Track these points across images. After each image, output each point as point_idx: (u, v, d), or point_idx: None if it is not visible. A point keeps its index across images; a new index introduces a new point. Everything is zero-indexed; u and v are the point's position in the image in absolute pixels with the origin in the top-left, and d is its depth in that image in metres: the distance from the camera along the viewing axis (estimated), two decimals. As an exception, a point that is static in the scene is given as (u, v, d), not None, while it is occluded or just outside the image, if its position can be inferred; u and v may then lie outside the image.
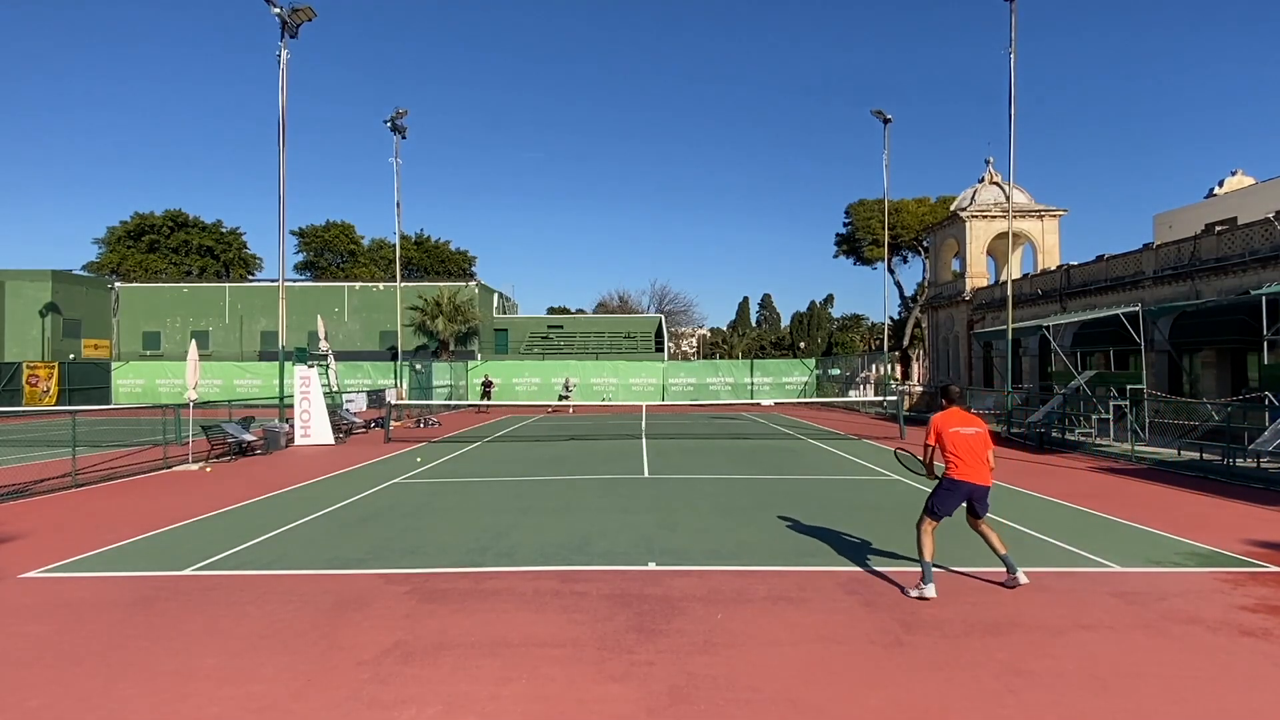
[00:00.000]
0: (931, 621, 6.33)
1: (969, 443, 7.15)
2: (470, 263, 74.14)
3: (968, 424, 7.24)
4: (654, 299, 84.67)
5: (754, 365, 47.10)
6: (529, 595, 7.16)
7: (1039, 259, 37.54)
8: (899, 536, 9.60)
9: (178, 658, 5.67)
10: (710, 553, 8.78)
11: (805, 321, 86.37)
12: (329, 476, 15.35)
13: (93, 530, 10.23)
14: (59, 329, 48.85)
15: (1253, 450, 14.89)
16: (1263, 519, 10.65)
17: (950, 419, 7.27)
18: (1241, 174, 37.96)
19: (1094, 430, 20.81)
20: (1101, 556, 8.47)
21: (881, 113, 34.86)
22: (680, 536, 9.62)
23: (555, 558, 8.58)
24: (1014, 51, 24.44)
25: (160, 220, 65.16)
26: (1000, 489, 13.38)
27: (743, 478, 14.84)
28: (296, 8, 22.07)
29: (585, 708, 4.80)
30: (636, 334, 57.78)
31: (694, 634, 6.08)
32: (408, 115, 33.11)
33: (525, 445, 21.57)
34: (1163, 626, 6.23)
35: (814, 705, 4.81)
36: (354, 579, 7.80)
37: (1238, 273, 21.52)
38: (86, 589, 7.54)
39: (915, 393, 42.84)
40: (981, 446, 7.17)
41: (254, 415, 23.16)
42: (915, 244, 59.71)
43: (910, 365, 58.97)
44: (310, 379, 22.13)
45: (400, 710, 4.76)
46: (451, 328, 50.51)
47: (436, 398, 37.27)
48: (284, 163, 22.71)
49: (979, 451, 7.15)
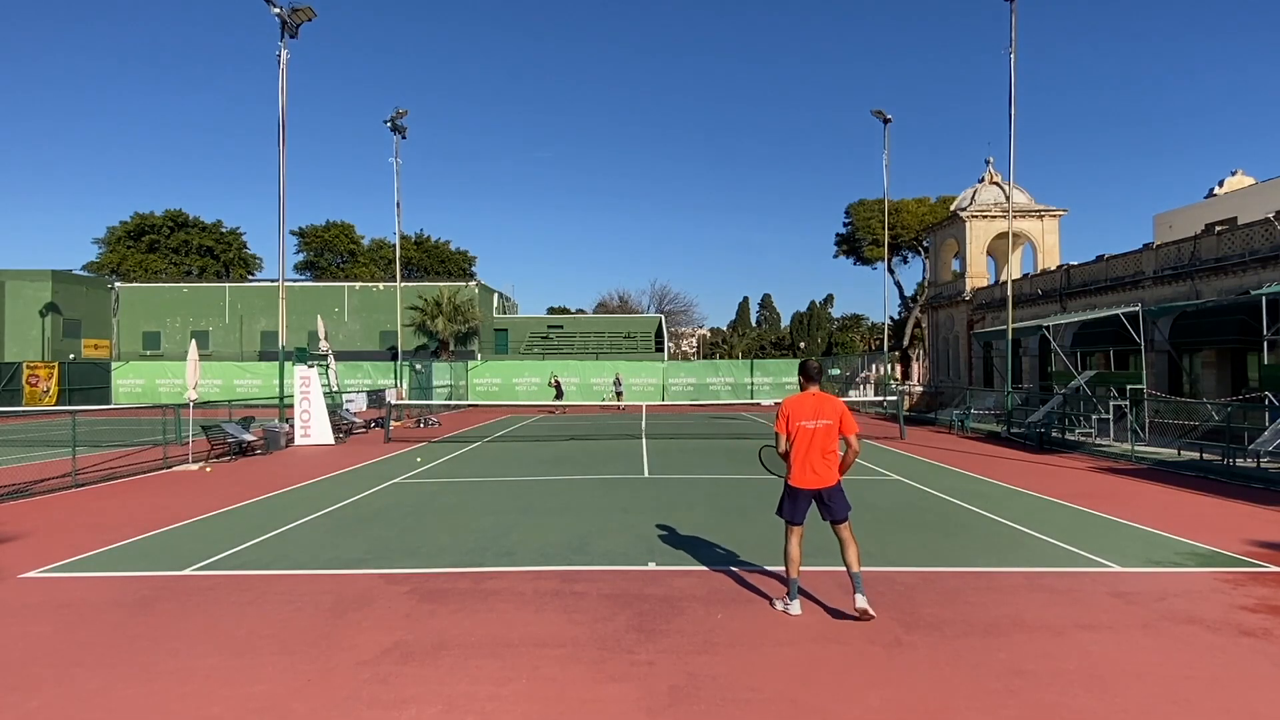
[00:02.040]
0: (931, 621, 6.33)
1: (810, 438, 6.29)
2: (470, 263, 74.19)
3: (817, 414, 6.32)
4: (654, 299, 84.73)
5: (754, 365, 47.10)
6: (529, 595, 7.16)
7: (1039, 259, 37.53)
8: (899, 537, 9.61)
9: (178, 658, 5.67)
10: (710, 553, 8.79)
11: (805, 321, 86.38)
12: (329, 476, 15.35)
13: (93, 530, 10.22)
14: (59, 329, 48.84)
15: (1253, 450, 14.89)
16: (1263, 519, 10.65)
17: (800, 405, 6.38)
18: (1241, 174, 37.95)
19: (1094, 430, 20.82)
20: (1101, 556, 8.46)
21: (881, 113, 34.87)
22: (680, 536, 9.62)
23: (555, 558, 8.58)
24: (1014, 52, 24.47)
25: (160, 220, 65.18)
26: (1000, 489, 13.41)
27: (743, 478, 14.84)
28: (296, 8, 22.06)
29: (585, 708, 4.80)
30: (636, 334, 57.77)
31: (694, 634, 6.08)
32: (408, 115, 33.16)
33: (525, 445, 21.57)
34: (1163, 626, 6.23)
35: (814, 705, 4.81)
36: (354, 579, 7.80)
37: (1238, 273, 21.52)
38: (86, 589, 7.54)
39: (915, 393, 42.84)
40: (826, 440, 6.30)
41: (254, 415, 23.15)
42: (915, 244, 59.68)
43: (910, 365, 58.96)
44: (310, 379, 22.13)
45: (400, 710, 4.76)
46: (451, 328, 50.52)
47: (436, 398, 37.26)
48: (284, 163, 22.73)
49: (823, 447, 6.30)
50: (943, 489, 13.32)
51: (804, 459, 6.34)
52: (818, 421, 6.32)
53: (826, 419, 6.33)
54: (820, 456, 6.33)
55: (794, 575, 6.54)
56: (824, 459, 6.34)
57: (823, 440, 6.31)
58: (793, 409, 6.39)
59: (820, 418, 6.33)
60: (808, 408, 6.36)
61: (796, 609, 6.46)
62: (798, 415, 6.35)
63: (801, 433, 6.31)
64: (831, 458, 6.38)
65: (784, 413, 6.43)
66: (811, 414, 6.34)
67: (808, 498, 6.45)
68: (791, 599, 6.52)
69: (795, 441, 6.34)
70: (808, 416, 6.33)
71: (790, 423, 6.36)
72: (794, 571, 6.54)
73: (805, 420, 6.32)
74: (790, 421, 6.36)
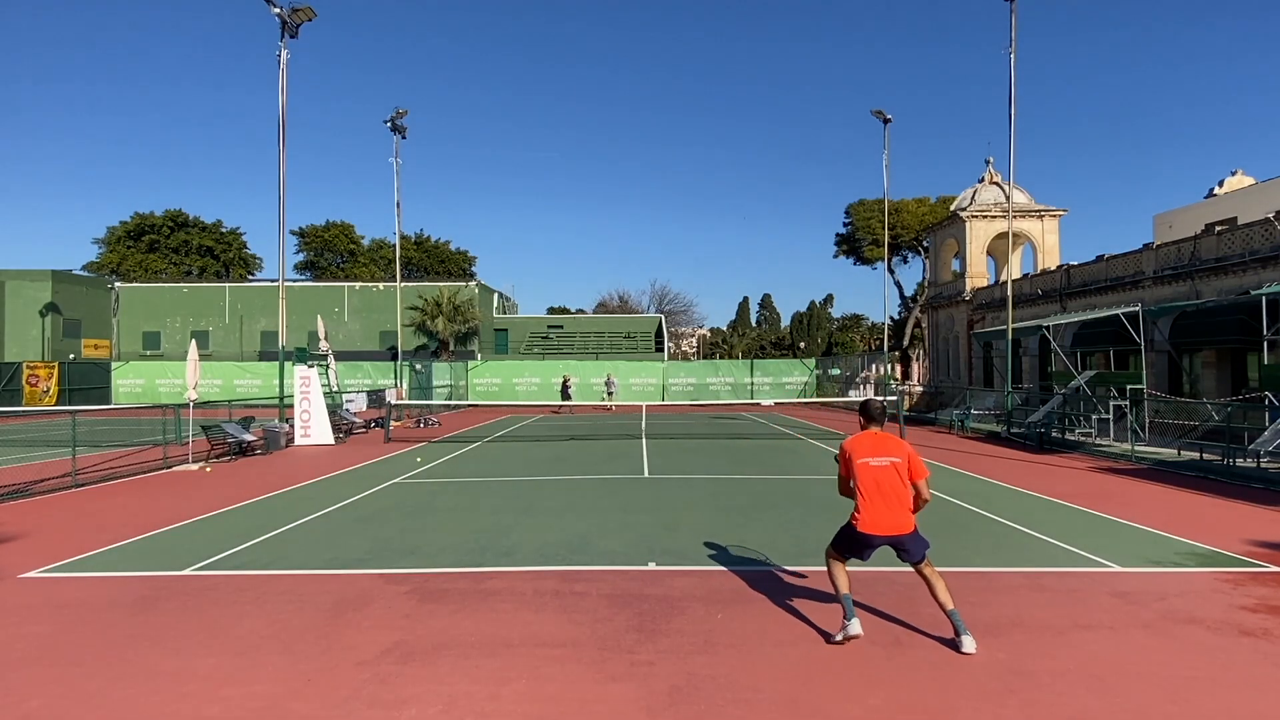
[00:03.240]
0: (932, 621, 6.32)
1: (877, 477, 5.64)
2: (470, 263, 74.19)
3: (881, 452, 5.70)
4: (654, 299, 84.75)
5: (754, 365, 47.09)
6: (529, 595, 7.16)
7: (1039, 259, 37.53)
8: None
9: (178, 658, 5.67)
10: (710, 553, 8.78)
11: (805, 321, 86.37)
12: (329, 476, 15.35)
13: (93, 530, 10.22)
14: (59, 329, 48.85)
15: (1253, 450, 14.89)
16: (1263, 519, 10.65)
17: (861, 445, 5.77)
18: (1241, 174, 37.94)
19: (1094, 430, 20.82)
20: (1101, 556, 8.46)
21: (881, 113, 34.85)
22: (680, 536, 9.62)
23: (555, 558, 8.58)
24: (1014, 51, 24.47)
25: (160, 220, 65.18)
26: (1001, 489, 13.41)
27: (743, 477, 14.84)
28: (296, 8, 22.06)
29: (585, 708, 4.80)
30: (636, 334, 57.77)
31: (694, 634, 6.08)
32: (408, 115, 33.14)
33: (525, 445, 21.57)
34: (1163, 626, 6.23)
35: (814, 705, 4.81)
36: (354, 579, 7.80)
37: (1238, 273, 21.52)
38: (86, 589, 7.54)
39: (915, 393, 42.84)
40: (897, 482, 5.65)
41: (254, 415, 23.15)
42: (915, 244, 59.68)
43: (910, 365, 58.96)
44: (310, 379, 22.13)
45: (400, 710, 4.76)
46: (451, 328, 50.52)
47: (436, 398, 37.26)
48: (284, 163, 22.72)
49: (895, 489, 5.64)
50: (943, 489, 13.31)
51: (881, 500, 5.64)
52: (886, 459, 5.70)
53: (895, 456, 5.71)
54: (897, 500, 5.66)
55: (844, 591, 5.86)
56: (903, 503, 5.68)
57: (895, 481, 5.66)
58: (856, 448, 5.77)
59: (887, 455, 5.71)
60: (871, 445, 5.78)
61: (856, 628, 5.73)
62: (862, 454, 5.72)
63: (868, 470, 5.67)
64: (908, 502, 5.71)
65: (845, 453, 5.82)
66: (878, 451, 5.73)
67: (876, 545, 5.75)
68: (849, 619, 5.77)
69: (864, 482, 5.67)
70: (873, 454, 5.72)
71: (854, 462, 5.72)
72: (845, 588, 5.87)
73: (871, 458, 5.70)
74: (854, 461, 5.72)
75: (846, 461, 5.79)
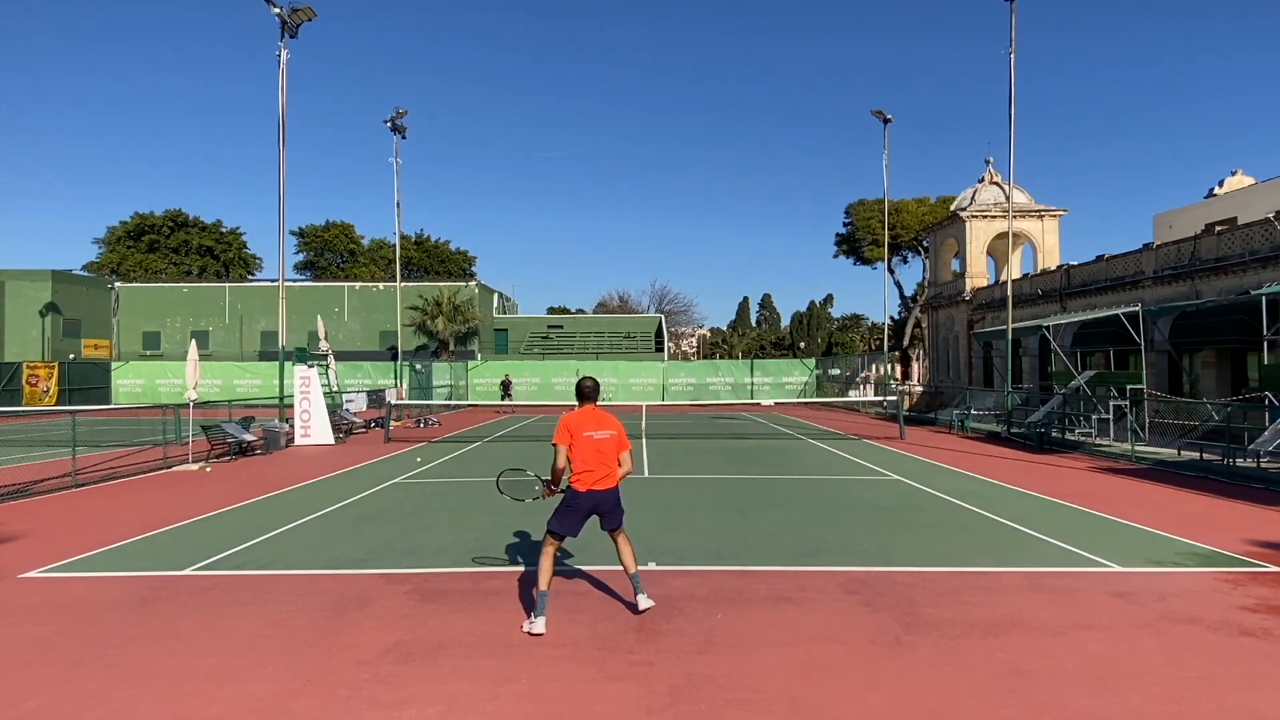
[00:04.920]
0: (931, 621, 6.33)
1: (599, 448, 6.29)
2: (470, 263, 74.21)
3: (602, 425, 6.36)
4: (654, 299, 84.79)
5: (754, 365, 47.10)
6: (529, 595, 7.15)
7: (1039, 259, 37.54)
8: (899, 536, 9.61)
9: (178, 658, 5.67)
10: (710, 553, 8.78)
11: (805, 321, 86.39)
12: (329, 476, 15.35)
13: (93, 530, 10.22)
14: (59, 329, 48.86)
15: (1253, 450, 14.89)
16: (1263, 519, 10.65)
17: (583, 420, 6.35)
18: (1241, 174, 37.92)
19: (1094, 430, 20.82)
20: (1101, 556, 8.46)
21: (882, 113, 34.88)
22: (680, 536, 9.62)
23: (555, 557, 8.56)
24: (1014, 51, 24.47)
25: (160, 220, 65.21)
26: (1001, 489, 13.41)
27: (743, 478, 14.85)
28: (296, 8, 22.06)
29: (585, 708, 4.79)
30: (636, 334, 57.79)
31: (694, 634, 6.08)
32: (408, 115, 33.16)
33: (525, 445, 21.57)
34: (1163, 626, 6.23)
35: (814, 705, 4.81)
36: (354, 579, 7.80)
37: (1238, 273, 21.52)
38: (86, 589, 7.54)
39: (915, 393, 42.85)
40: (611, 451, 6.35)
41: (254, 415, 23.16)
42: (915, 244, 59.70)
43: (910, 365, 58.97)
44: (310, 379, 22.13)
45: (400, 710, 4.76)
46: (451, 328, 50.52)
47: (436, 398, 37.27)
48: (284, 163, 22.73)
49: (608, 456, 6.33)
50: (943, 489, 13.32)
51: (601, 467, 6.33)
52: (606, 432, 6.35)
53: (612, 430, 6.40)
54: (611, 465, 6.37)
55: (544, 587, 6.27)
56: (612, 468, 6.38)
57: (613, 450, 6.36)
58: (578, 422, 6.34)
59: (606, 428, 6.37)
60: (593, 420, 6.38)
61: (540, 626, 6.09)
62: (585, 427, 6.31)
63: (590, 444, 6.28)
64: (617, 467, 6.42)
65: (566, 427, 6.35)
66: (599, 425, 6.36)
67: (591, 506, 6.39)
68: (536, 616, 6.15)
69: (586, 453, 6.28)
70: (596, 427, 6.34)
71: (576, 436, 6.29)
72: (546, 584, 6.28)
73: (595, 431, 6.32)
74: (576, 435, 6.29)
75: (570, 435, 6.27)
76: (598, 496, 6.33)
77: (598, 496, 6.33)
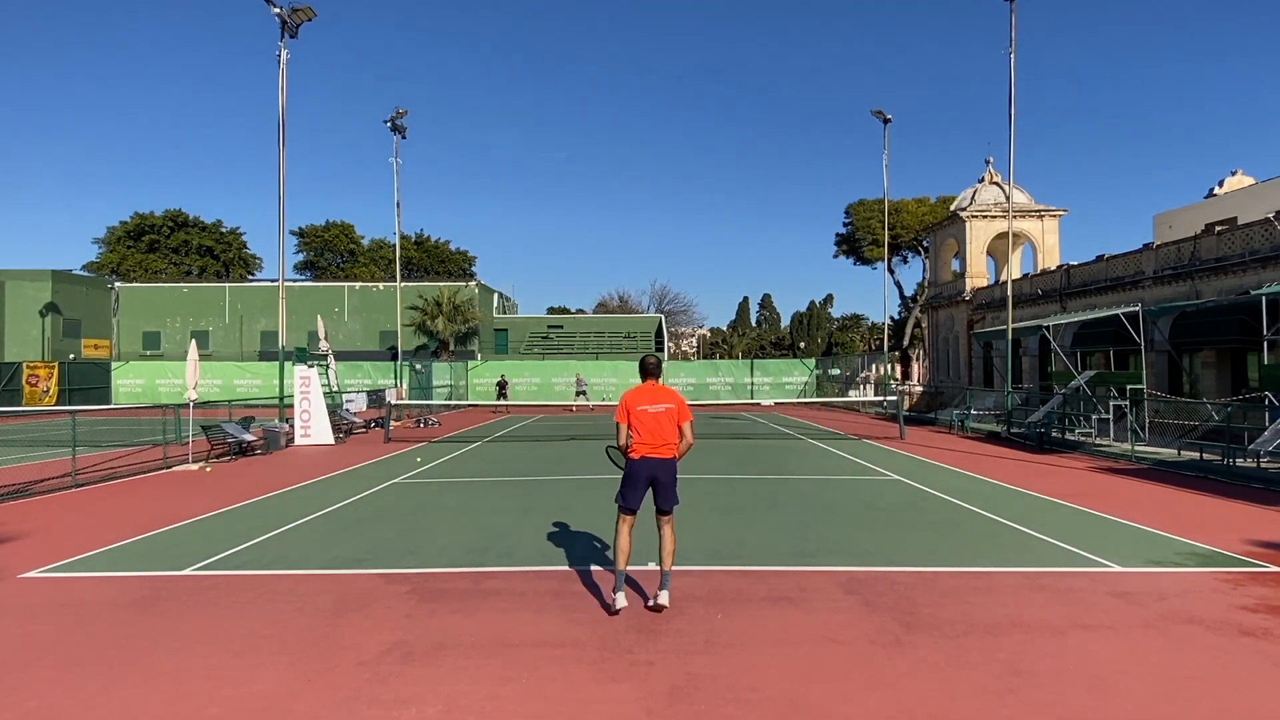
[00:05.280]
0: (931, 621, 6.33)
1: (655, 422, 6.60)
2: (470, 263, 74.15)
3: (657, 400, 6.65)
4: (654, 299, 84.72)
5: (754, 365, 47.09)
6: (529, 595, 7.16)
7: (1039, 259, 37.54)
8: (899, 536, 9.61)
9: (178, 658, 5.67)
10: (710, 553, 8.78)
11: (805, 321, 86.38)
12: (329, 476, 15.35)
13: (93, 530, 10.22)
14: (59, 329, 48.83)
15: (1253, 450, 14.89)
16: (1263, 519, 10.65)
17: (639, 396, 6.68)
18: (1241, 174, 37.91)
19: (1094, 430, 20.82)
20: (1101, 556, 8.46)
21: (881, 113, 34.87)
22: (680, 536, 9.55)
23: (555, 558, 8.58)
24: (1014, 51, 24.47)
25: (160, 220, 65.16)
26: (1001, 489, 13.41)
27: (743, 478, 14.85)
28: (296, 8, 22.06)
29: (585, 708, 4.79)
30: (636, 334, 57.75)
31: (694, 634, 6.08)
32: (407, 115, 33.15)
33: (525, 445, 21.57)
34: (1163, 626, 6.23)
35: (814, 705, 4.81)
36: (354, 579, 7.80)
37: (1238, 273, 21.52)
38: (86, 589, 7.54)
39: (915, 393, 42.85)
40: (669, 422, 6.62)
41: (254, 415, 23.15)
42: (915, 244, 59.69)
43: (910, 365, 58.96)
44: (310, 379, 22.13)
45: (400, 710, 4.76)
46: (451, 328, 50.48)
47: (436, 398, 37.26)
48: (284, 163, 22.73)
49: (666, 430, 6.61)
50: (943, 489, 13.32)
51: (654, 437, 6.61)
52: (661, 406, 6.63)
53: (668, 403, 6.68)
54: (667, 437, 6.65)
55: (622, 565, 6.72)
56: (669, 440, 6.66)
57: (668, 421, 6.64)
58: (634, 398, 6.67)
59: (662, 402, 6.66)
60: (648, 395, 6.69)
61: (622, 601, 6.57)
62: (640, 402, 6.63)
63: (645, 416, 6.60)
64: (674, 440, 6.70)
65: (624, 404, 6.69)
66: (654, 399, 6.66)
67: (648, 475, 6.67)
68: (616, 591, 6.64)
69: (641, 425, 6.61)
70: (651, 402, 6.64)
71: (632, 410, 6.62)
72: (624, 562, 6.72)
73: (649, 405, 6.62)
74: (631, 410, 6.62)
75: (626, 410, 6.65)
76: (653, 465, 6.60)
77: (653, 465, 6.60)
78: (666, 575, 6.67)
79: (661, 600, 6.53)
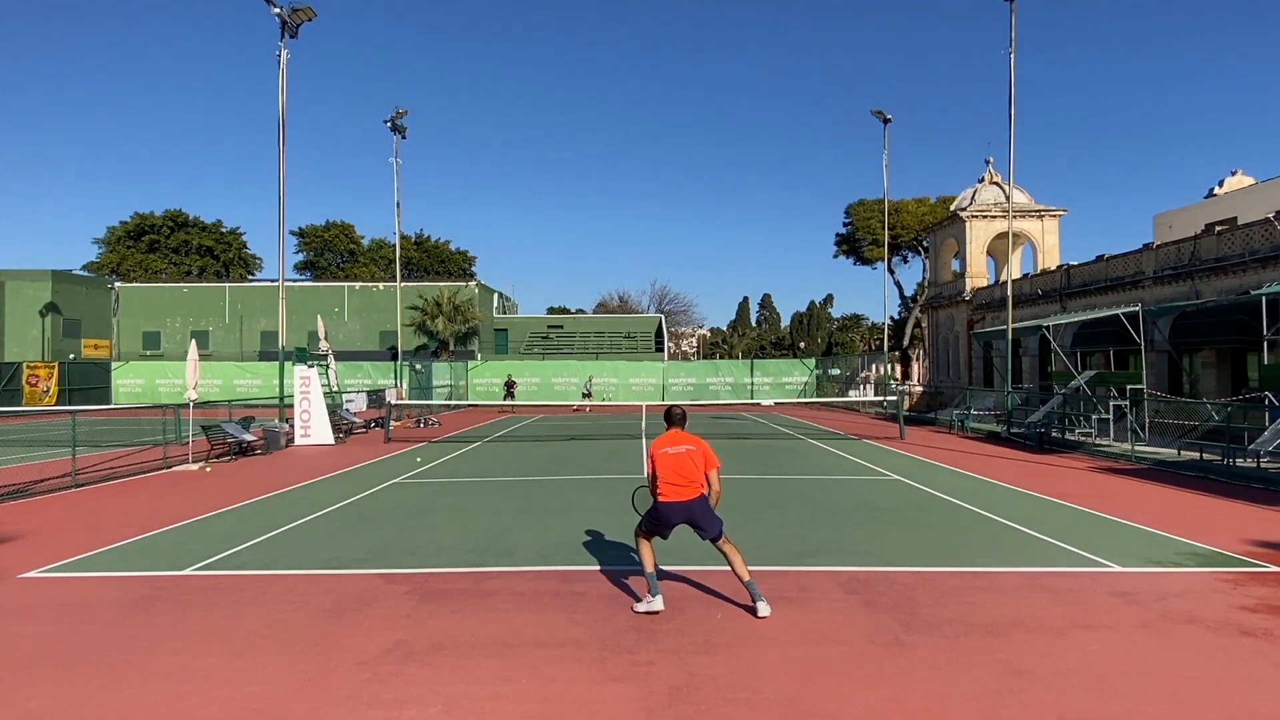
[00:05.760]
0: (931, 621, 6.33)
1: (676, 462, 6.66)
2: (470, 263, 74.16)
3: (677, 443, 6.75)
4: (654, 299, 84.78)
5: (754, 365, 47.09)
6: (529, 595, 7.16)
7: (1039, 259, 37.53)
8: (899, 537, 9.61)
9: (177, 658, 5.67)
10: (710, 553, 8.70)
11: (805, 321, 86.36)
12: (329, 476, 15.35)
13: (93, 530, 10.22)
14: (59, 329, 48.84)
15: (1253, 450, 14.89)
16: (1263, 519, 10.64)
17: (661, 441, 6.84)
18: (1241, 174, 37.92)
19: (1094, 430, 20.81)
20: (1101, 556, 8.46)
21: (881, 113, 34.88)
22: (680, 536, 9.57)
23: (555, 558, 8.58)
24: (1014, 51, 24.48)
25: (160, 220, 65.19)
26: (1001, 489, 13.41)
27: (743, 478, 14.84)
28: (296, 8, 22.06)
29: (585, 708, 4.79)
30: (636, 334, 57.78)
31: (694, 634, 6.08)
32: (408, 115, 33.15)
33: (525, 445, 21.57)
34: (1163, 626, 6.23)
35: (814, 705, 4.81)
36: (354, 579, 7.80)
37: (1238, 273, 21.52)
38: (86, 589, 7.54)
39: (915, 393, 42.84)
40: (690, 465, 6.64)
41: (254, 415, 23.15)
42: (915, 244, 59.70)
43: (910, 365, 58.96)
44: (310, 379, 22.13)
45: (400, 710, 4.76)
46: (451, 328, 50.49)
47: (436, 398, 37.26)
48: (284, 163, 22.73)
49: (687, 470, 6.62)
50: (943, 489, 13.32)
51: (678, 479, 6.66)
52: (683, 447, 6.73)
53: (690, 445, 6.75)
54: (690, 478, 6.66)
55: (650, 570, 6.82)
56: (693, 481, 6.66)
57: (689, 464, 6.67)
58: (657, 444, 6.81)
59: (683, 444, 6.75)
60: (670, 439, 6.82)
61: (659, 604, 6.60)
62: (661, 446, 6.76)
63: (667, 459, 6.69)
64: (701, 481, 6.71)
65: (650, 451, 6.84)
66: (675, 443, 6.77)
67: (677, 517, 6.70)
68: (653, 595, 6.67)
69: (664, 468, 6.68)
70: (671, 444, 6.75)
71: (655, 456, 6.75)
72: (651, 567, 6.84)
73: (670, 448, 6.73)
74: (655, 455, 6.75)
75: (651, 458, 6.80)
76: (681, 510, 6.63)
77: (681, 510, 6.63)
78: (751, 585, 6.59)
79: (762, 611, 6.44)
